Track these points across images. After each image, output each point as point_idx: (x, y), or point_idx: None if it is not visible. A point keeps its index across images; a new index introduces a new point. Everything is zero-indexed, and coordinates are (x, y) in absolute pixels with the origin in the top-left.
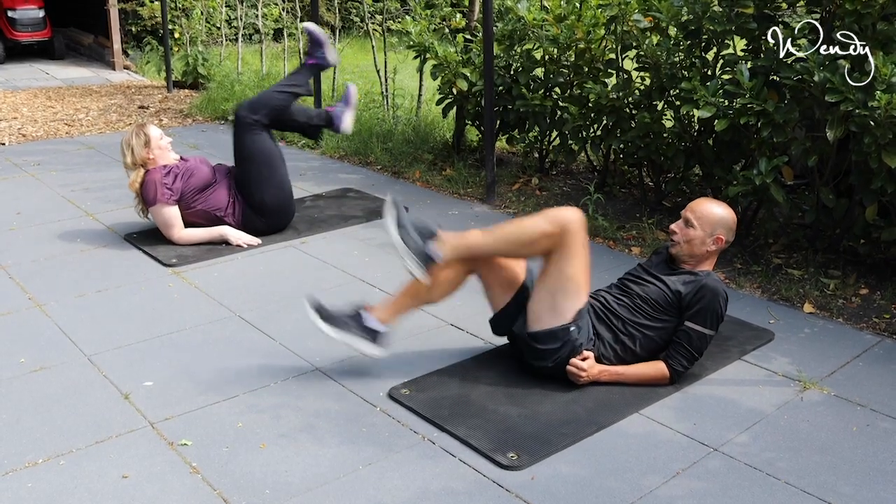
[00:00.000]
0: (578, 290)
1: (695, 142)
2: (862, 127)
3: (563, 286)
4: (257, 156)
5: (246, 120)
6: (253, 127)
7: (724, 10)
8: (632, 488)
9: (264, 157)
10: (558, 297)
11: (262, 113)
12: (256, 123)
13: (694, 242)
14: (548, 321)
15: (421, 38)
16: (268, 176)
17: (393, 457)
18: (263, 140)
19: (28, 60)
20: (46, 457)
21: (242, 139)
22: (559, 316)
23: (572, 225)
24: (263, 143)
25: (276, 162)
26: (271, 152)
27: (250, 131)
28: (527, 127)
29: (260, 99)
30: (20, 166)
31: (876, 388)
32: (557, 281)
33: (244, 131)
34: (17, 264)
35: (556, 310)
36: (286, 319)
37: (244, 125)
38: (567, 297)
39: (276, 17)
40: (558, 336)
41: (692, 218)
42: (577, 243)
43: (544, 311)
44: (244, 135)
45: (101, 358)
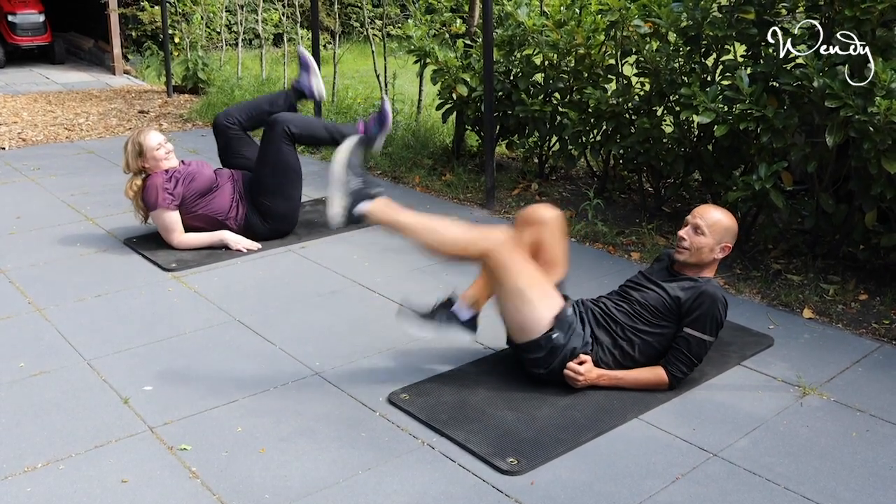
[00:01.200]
0: (542, 297)
1: (694, 147)
2: (861, 132)
3: (518, 302)
4: (280, 165)
5: (285, 129)
6: (286, 137)
7: (724, 15)
8: (631, 493)
9: (286, 169)
10: (522, 310)
11: (303, 132)
12: (293, 137)
13: (703, 250)
14: (527, 334)
15: (421, 43)
16: (283, 186)
17: (392, 461)
18: (292, 152)
19: (28, 65)
20: (46, 461)
21: (277, 147)
22: (534, 327)
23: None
24: (291, 155)
25: (294, 176)
26: (294, 167)
27: (284, 141)
28: (526, 132)
29: (307, 121)
30: (20, 171)
31: (875, 393)
32: (513, 296)
33: (281, 139)
34: (17, 268)
35: (527, 322)
36: (286, 324)
37: (281, 132)
38: (531, 307)
39: (276, 22)
40: (541, 345)
41: (703, 225)
42: (511, 260)
43: (517, 326)
44: (277, 143)
45: (101, 362)
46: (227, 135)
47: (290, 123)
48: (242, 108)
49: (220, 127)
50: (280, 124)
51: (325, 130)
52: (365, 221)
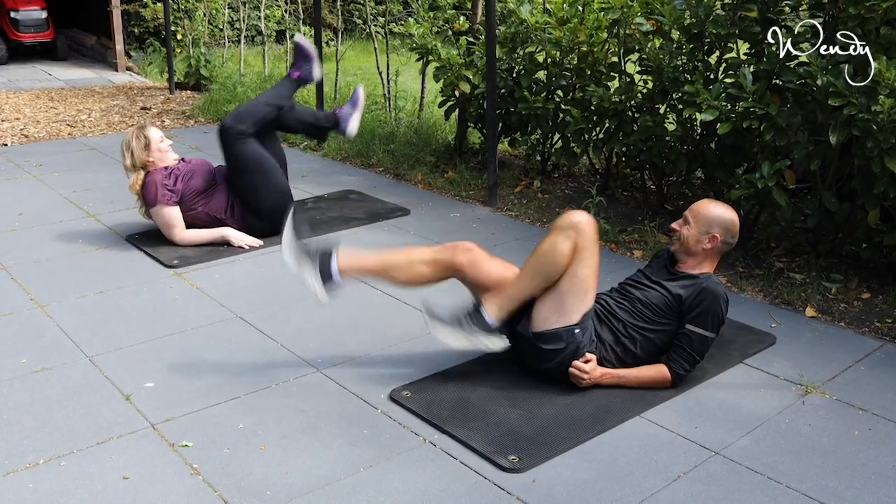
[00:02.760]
0: (588, 292)
1: (697, 145)
2: (865, 131)
3: (574, 287)
4: (249, 164)
5: (231, 130)
6: (239, 137)
7: (727, 13)
8: (633, 491)
9: (256, 165)
10: (568, 298)
11: (248, 123)
12: (242, 134)
13: (689, 240)
14: (555, 321)
15: (424, 41)
16: (263, 183)
17: (394, 459)
18: (252, 148)
19: (31, 61)
20: (47, 457)
21: (230, 150)
22: (566, 317)
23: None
24: (252, 151)
25: (268, 168)
26: (262, 159)
27: (237, 141)
28: (529, 130)
29: (246, 110)
30: (22, 167)
31: (877, 392)
32: (569, 282)
33: (231, 142)
34: (19, 265)
35: (565, 311)
36: (288, 321)
37: (230, 136)
38: (576, 298)
39: (279, 19)
40: (563, 337)
41: (689, 216)
42: (590, 248)
43: (552, 312)
44: (231, 145)
45: (103, 359)
46: None
47: (235, 124)
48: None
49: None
50: (226, 131)
51: (266, 105)
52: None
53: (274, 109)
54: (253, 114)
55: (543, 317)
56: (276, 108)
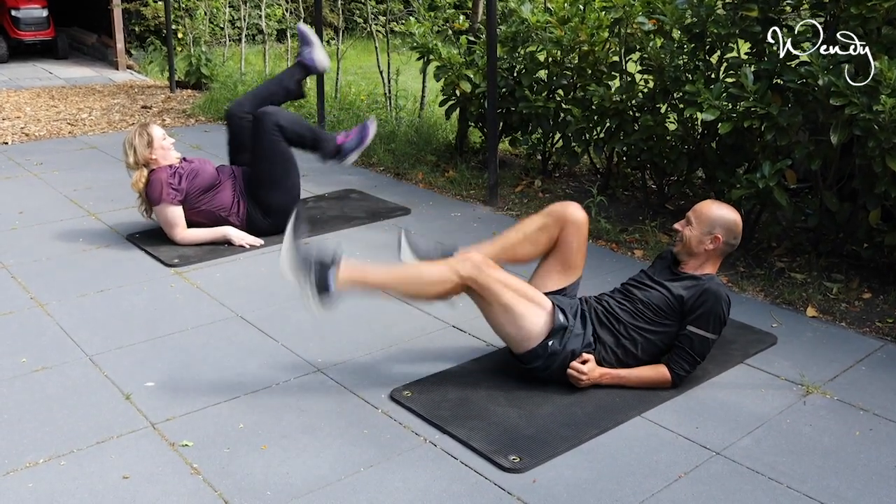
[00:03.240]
0: (528, 309)
1: (698, 145)
2: (866, 131)
3: (508, 317)
4: (277, 157)
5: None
6: (276, 130)
7: (728, 13)
8: (633, 491)
9: (281, 160)
10: (512, 326)
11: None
12: (282, 129)
13: (691, 240)
14: (526, 345)
15: (424, 40)
16: (281, 178)
17: (394, 459)
18: (284, 145)
19: (31, 60)
20: (47, 457)
21: (265, 140)
22: (529, 337)
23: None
24: (284, 148)
25: (290, 167)
26: (289, 157)
27: (273, 134)
28: (530, 129)
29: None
30: (23, 166)
31: (879, 392)
32: (502, 313)
33: (269, 133)
34: (19, 264)
35: (522, 334)
36: (288, 320)
37: (270, 126)
38: (521, 321)
39: (280, 18)
40: (539, 354)
41: (692, 216)
42: (492, 279)
43: (513, 340)
44: (268, 136)
45: (103, 358)
46: (239, 125)
47: (279, 117)
48: (253, 96)
49: (233, 116)
50: (269, 117)
51: (310, 131)
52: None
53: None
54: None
55: (515, 345)
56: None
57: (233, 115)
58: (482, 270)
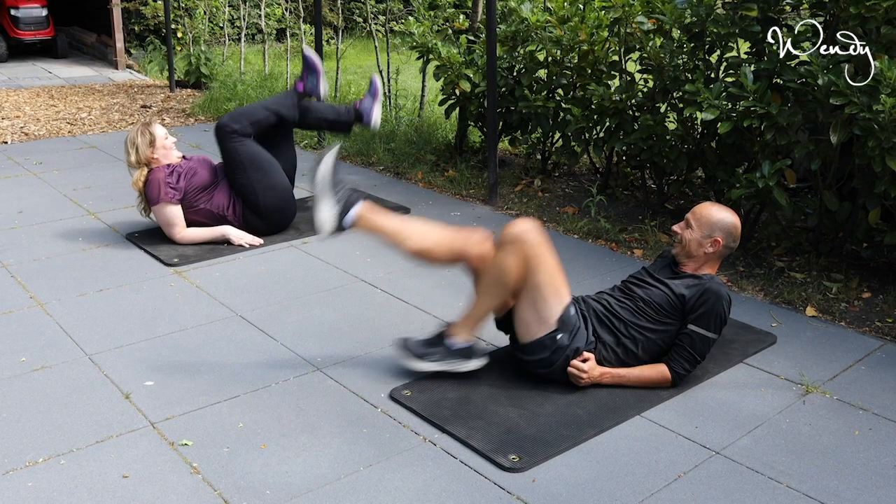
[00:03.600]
0: (555, 294)
1: (698, 144)
2: (866, 130)
3: (536, 295)
4: (246, 162)
5: (225, 129)
6: (232, 135)
7: (727, 12)
8: (633, 491)
9: (254, 163)
10: (539, 306)
11: (242, 122)
12: (235, 133)
13: (690, 243)
14: (535, 331)
15: (424, 39)
16: (260, 180)
17: (394, 458)
18: (248, 146)
19: (31, 59)
20: (47, 456)
21: (226, 148)
22: (544, 324)
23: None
24: (249, 149)
25: (266, 166)
26: (259, 157)
27: (232, 140)
28: (529, 128)
29: (243, 111)
30: (22, 165)
31: (878, 391)
32: (530, 291)
33: (226, 140)
34: (19, 263)
35: (541, 319)
36: (288, 320)
37: (225, 134)
38: (547, 304)
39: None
40: (546, 345)
41: (692, 219)
42: (541, 254)
43: (531, 324)
44: (227, 144)
45: (102, 357)
46: None
47: (230, 122)
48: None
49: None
50: (220, 129)
51: (265, 110)
52: (353, 229)
53: (272, 115)
54: (249, 115)
55: (524, 329)
56: (274, 114)
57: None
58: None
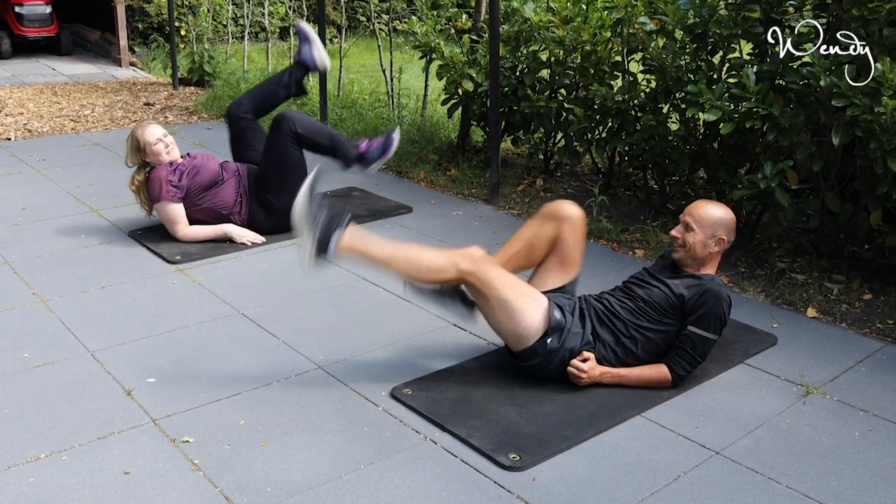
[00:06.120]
0: (525, 305)
1: (700, 145)
2: (868, 132)
3: (505, 313)
4: (288, 164)
5: (293, 129)
6: (293, 138)
7: (730, 13)
8: (633, 490)
9: (295, 169)
10: (510, 322)
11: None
12: (297, 137)
13: (696, 246)
14: (524, 342)
15: (427, 39)
16: (289, 184)
17: (394, 456)
18: (297, 153)
19: (34, 56)
20: (49, 452)
21: (281, 146)
22: (527, 334)
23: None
24: (297, 156)
25: (299, 173)
26: (301, 166)
27: (289, 140)
28: (532, 128)
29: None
30: (25, 162)
31: (878, 393)
32: (500, 308)
33: (286, 138)
34: (22, 259)
35: (519, 330)
36: (289, 318)
37: (289, 133)
38: (518, 317)
39: (283, 16)
40: (537, 351)
41: (691, 222)
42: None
43: (510, 336)
44: (285, 142)
45: (105, 354)
46: (239, 125)
47: (297, 123)
48: (252, 95)
49: (233, 117)
50: (285, 122)
51: (329, 139)
52: (336, 258)
53: (327, 140)
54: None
55: (513, 342)
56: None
57: (233, 115)
58: (480, 266)
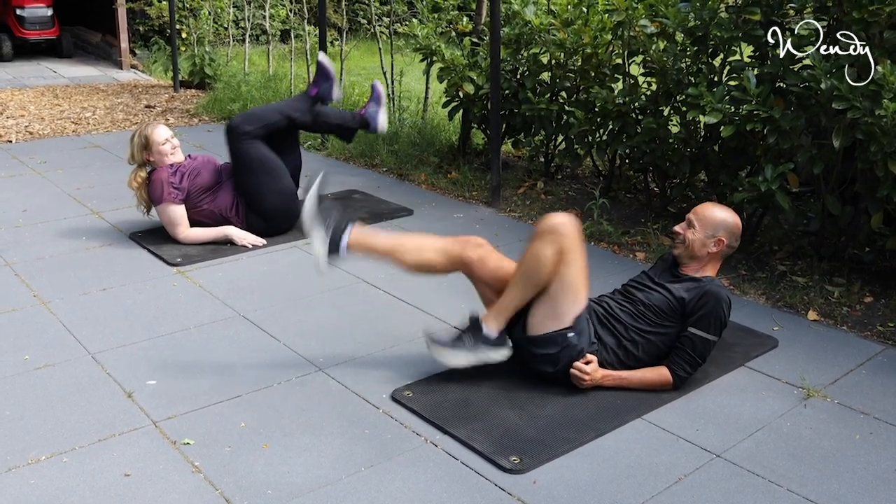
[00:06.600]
0: (578, 292)
1: (700, 148)
2: (868, 135)
3: (563, 290)
4: (253, 164)
5: (237, 130)
6: (243, 137)
7: (730, 16)
8: (634, 493)
9: (259, 165)
10: (560, 301)
11: (254, 125)
12: (247, 134)
13: (694, 244)
14: (549, 325)
15: (428, 41)
16: (268, 184)
17: (395, 459)
18: (257, 149)
19: (36, 58)
20: (49, 454)
21: (237, 149)
22: (560, 320)
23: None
24: (257, 152)
25: (272, 169)
26: (266, 160)
27: (242, 141)
28: (533, 131)
29: (255, 113)
30: (27, 164)
31: (879, 396)
32: (558, 285)
33: (237, 141)
34: (23, 262)
35: (558, 314)
36: (290, 320)
37: (235, 135)
38: (568, 301)
39: (284, 19)
40: (557, 341)
41: (694, 219)
42: (575, 248)
43: (546, 317)
44: (238, 145)
45: (105, 356)
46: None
47: (242, 124)
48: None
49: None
50: (232, 130)
51: (278, 113)
52: (348, 255)
53: (284, 119)
54: (261, 117)
55: (538, 321)
56: (286, 118)
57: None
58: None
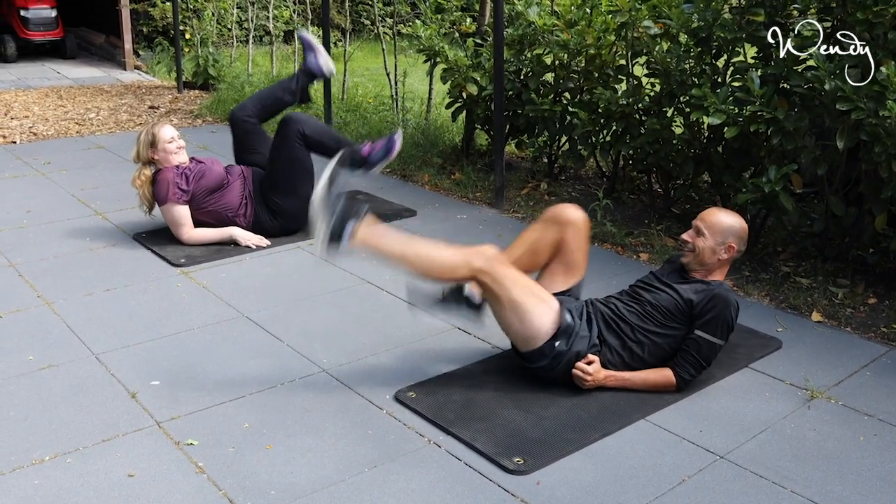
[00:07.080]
0: (537, 307)
1: (704, 149)
2: (873, 136)
3: (517, 313)
4: (296, 165)
5: (299, 130)
6: (299, 139)
7: (734, 17)
8: (637, 494)
9: (300, 168)
10: (520, 323)
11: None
12: (303, 137)
13: (704, 251)
14: (532, 343)
15: (431, 42)
16: (295, 185)
17: (398, 460)
18: (302, 152)
19: (40, 59)
20: (53, 454)
21: (284, 144)
22: (534, 337)
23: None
24: (301, 155)
25: (307, 175)
26: (306, 166)
27: (294, 141)
28: (536, 132)
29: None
30: (31, 165)
31: (883, 397)
32: (510, 309)
33: (290, 139)
34: (27, 262)
35: (528, 332)
36: (294, 321)
37: (295, 134)
38: (529, 318)
39: (287, 19)
40: (545, 353)
41: (702, 227)
42: (504, 274)
43: (519, 337)
44: (288, 142)
45: (109, 357)
46: (242, 128)
47: (304, 125)
48: (257, 100)
49: (237, 120)
50: (294, 124)
51: (335, 142)
52: (351, 248)
53: (333, 142)
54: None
55: (521, 343)
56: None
57: (236, 118)
58: (493, 265)
